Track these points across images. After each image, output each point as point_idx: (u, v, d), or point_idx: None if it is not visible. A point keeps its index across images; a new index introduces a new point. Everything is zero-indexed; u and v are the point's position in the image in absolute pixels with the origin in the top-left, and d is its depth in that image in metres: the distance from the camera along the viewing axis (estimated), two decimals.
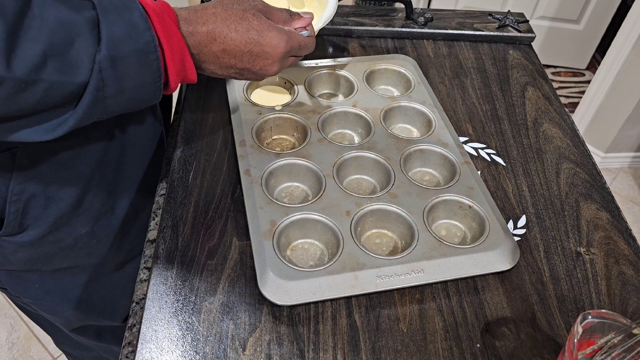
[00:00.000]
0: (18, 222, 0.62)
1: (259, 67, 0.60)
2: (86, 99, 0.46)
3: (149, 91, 0.51)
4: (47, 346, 1.50)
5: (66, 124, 0.48)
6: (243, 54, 0.58)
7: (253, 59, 0.59)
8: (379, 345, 0.53)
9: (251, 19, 0.58)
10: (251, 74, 0.62)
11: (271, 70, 0.61)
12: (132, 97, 0.50)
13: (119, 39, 0.46)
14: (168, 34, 0.51)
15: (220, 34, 0.56)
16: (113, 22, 0.46)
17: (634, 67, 1.83)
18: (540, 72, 0.91)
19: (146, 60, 0.49)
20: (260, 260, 0.56)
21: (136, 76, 0.49)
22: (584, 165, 0.75)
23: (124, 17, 0.47)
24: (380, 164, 0.69)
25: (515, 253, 0.61)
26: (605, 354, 0.44)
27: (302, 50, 0.64)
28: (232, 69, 0.60)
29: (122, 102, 0.50)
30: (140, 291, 0.57)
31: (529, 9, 2.32)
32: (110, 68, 0.46)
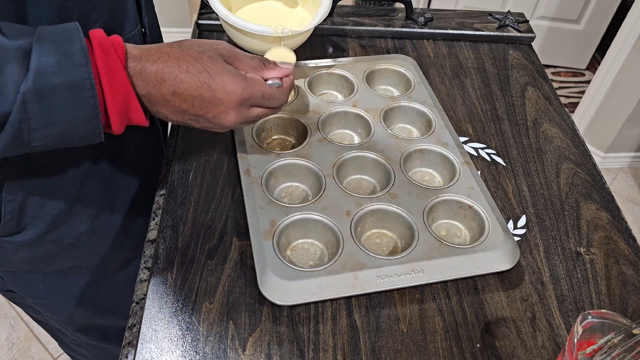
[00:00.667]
0: (16, 222, 0.62)
1: (212, 114, 0.54)
2: (7, 130, 0.44)
3: (85, 129, 0.48)
4: (47, 346, 1.50)
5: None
6: (194, 99, 0.52)
7: (205, 105, 0.53)
8: (379, 345, 0.53)
9: (206, 61, 0.53)
10: (207, 123, 0.55)
11: (227, 120, 0.55)
12: (65, 133, 0.47)
13: (48, 70, 0.44)
14: (110, 72, 0.47)
15: (170, 75, 0.51)
16: (45, 52, 0.44)
17: (634, 67, 1.83)
18: (540, 72, 0.91)
19: (80, 96, 0.45)
20: (260, 260, 0.56)
21: (68, 111, 0.46)
22: (584, 165, 0.75)
23: (60, 48, 0.44)
24: (380, 164, 0.69)
25: (515, 253, 0.61)
26: (605, 354, 0.44)
27: (268, 101, 0.57)
28: (186, 114, 0.54)
29: (53, 136, 0.47)
30: (140, 291, 0.57)
31: (529, 9, 2.32)
32: (36, 100, 0.44)
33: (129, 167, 0.71)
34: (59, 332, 0.90)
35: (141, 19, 0.68)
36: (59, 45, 0.44)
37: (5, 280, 0.72)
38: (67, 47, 0.45)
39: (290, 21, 0.87)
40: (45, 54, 0.44)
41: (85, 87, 0.45)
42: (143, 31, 0.69)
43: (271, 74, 0.59)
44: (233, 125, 0.56)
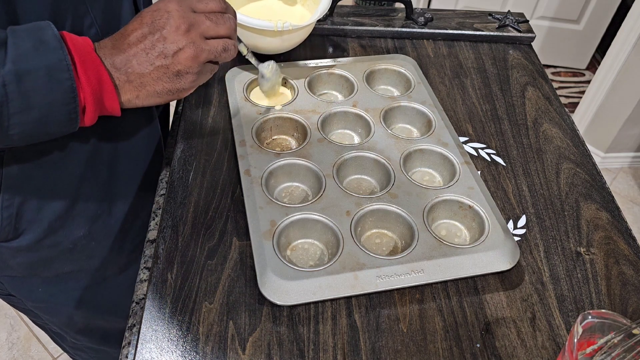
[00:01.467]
0: (13, 227, 0.62)
1: (162, 24, 0.53)
2: None
3: (61, 112, 0.49)
4: (47, 346, 1.50)
5: None
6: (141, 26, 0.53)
7: (150, 21, 0.53)
8: (379, 345, 0.53)
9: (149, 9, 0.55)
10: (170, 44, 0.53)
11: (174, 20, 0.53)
12: (42, 117, 0.48)
13: (26, 54, 0.45)
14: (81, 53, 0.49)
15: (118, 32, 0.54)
16: (21, 38, 0.45)
17: (634, 67, 1.83)
18: (540, 72, 0.91)
19: (57, 77, 0.47)
20: (260, 260, 0.56)
21: (45, 93, 0.47)
22: (584, 165, 0.75)
23: (33, 35, 0.46)
24: (380, 164, 0.69)
25: (515, 253, 0.61)
26: (605, 354, 0.44)
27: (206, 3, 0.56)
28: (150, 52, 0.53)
29: (31, 121, 0.47)
30: (140, 291, 0.57)
31: (529, 9, 2.31)
32: (15, 82, 0.45)
33: (127, 170, 0.71)
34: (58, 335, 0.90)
35: None
36: (32, 34, 0.47)
37: (5, 285, 0.72)
38: (40, 34, 0.47)
39: (290, 19, 0.87)
40: (22, 40, 0.46)
41: (62, 69, 0.47)
42: None
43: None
44: (185, 24, 0.54)
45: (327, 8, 0.78)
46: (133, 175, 0.72)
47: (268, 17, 0.87)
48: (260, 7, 0.89)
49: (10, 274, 0.70)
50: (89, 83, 0.50)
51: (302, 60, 0.84)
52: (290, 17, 0.88)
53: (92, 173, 0.65)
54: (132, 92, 0.54)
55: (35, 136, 0.50)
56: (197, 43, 0.55)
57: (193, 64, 0.55)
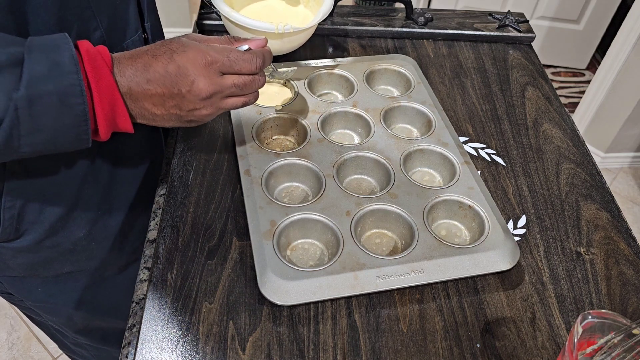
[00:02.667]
0: (14, 228, 0.62)
1: (185, 88, 0.53)
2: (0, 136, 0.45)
3: (70, 134, 0.49)
4: (47, 346, 1.50)
5: None
6: (164, 78, 0.52)
7: (176, 81, 0.52)
8: (379, 345, 0.53)
9: (169, 43, 0.54)
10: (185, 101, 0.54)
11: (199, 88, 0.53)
12: (51, 139, 0.48)
13: (39, 78, 0.45)
14: (98, 76, 0.49)
15: (140, 64, 0.52)
16: (36, 60, 0.45)
17: (634, 67, 1.83)
18: (540, 72, 0.91)
19: (68, 102, 0.47)
20: (260, 260, 0.56)
21: (55, 117, 0.47)
22: (584, 165, 0.75)
23: (49, 56, 0.46)
24: (380, 164, 0.69)
25: (515, 253, 0.61)
26: (605, 354, 0.44)
27: (238, 64, 0.55)
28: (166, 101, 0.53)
29: (40, 142, 0.48)
30: (140, 291, 0.57)
31: (529, 9, 2.31)
32: (27, 107, 0.45)
33: (127, 171, 0.71)
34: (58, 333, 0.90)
35: (143, 24, 0.68)
36: (48, 54, 0.46)
37: (4, 284, 0.72)
38: (56, 55, 0.46)
39: (293, 20, 0.87)
40: (37, 62, 0.45)
41: (75, 94, 0.47)
42: (145, 36, 0.69)
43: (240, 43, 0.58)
44: (209, 93, 0.54)
45: (329, 10, 0.78)
46: (134, 177, 0.72)
47: (270, 17, 0.87)
48: (263, 7, 0.89)
49: (10, 274, 0.70)
50: (103, 108, 0.50)
51: (302, 60, 0.84)
52: (293, 18, 0.88)
53: (93, 175, 0.65)
54: (144, 120, 0.56)
55: (46, 152, 0.50)
56: (216, 105, 0.56)
57: (207, 118, 0.57)
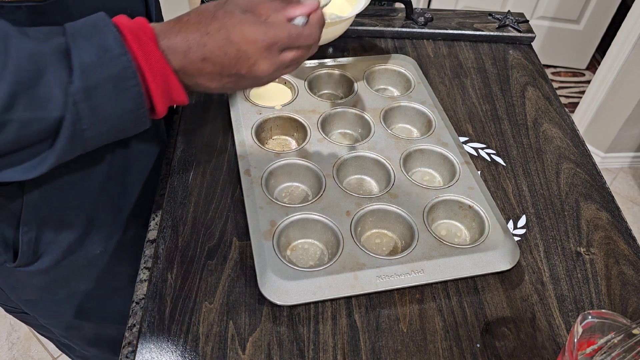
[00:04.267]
0: (32, 252, 0.62)
1: (245, 69, 0.51)
2: (63, 134, 0.43)
3: (131, 119, 0.47)
4: (47, 346, 1.50)
5: (46, 162, 0.45)
6: (221, 58, 0.50)
7: (234, 62, 0.50)
8: (379, 345, 0.53)
9: (222, 17, 0.50)
10: (245, 80, 0.53)
11: (260, 70, 0.52)
12: (114, 127, 0.47)
13: (91, 67, 0.42)
14: (146, 55, 0.46)
15: (194, 41, 0.49)
16: (83, 49, 0.43)
17: (634, 67, 1.83)
18: (540, 72, 0.91)
19: (124, 86, 0.45)
20: (260, 260, 0.56)
21: (115, 104, 0.45)
22: (584, 165, 0.75)
23: (94, 42, 0.43)
24: (380, 164, 0.69)
25: (515, 253, 0.61)
26: (605, 354, 0.44)
27: (298, 40, 0.53)
28: (223, 78, 0.52)
29: (104, 132, 0.46)
30: (140, 291, 0.57)
31: (529, 9, 2.31)
32: (85, 100, 0.43)
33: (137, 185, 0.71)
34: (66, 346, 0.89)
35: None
36: (92, 39, 0.43)
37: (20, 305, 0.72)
38: (99, 40, 0.43)
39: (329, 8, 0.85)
40: (84, 51, 0.43)
41: (129, 77, 0.45)
42: None
43: (295, 12, 0.54)
44: (270, 74, 0.53)
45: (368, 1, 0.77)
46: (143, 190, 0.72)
47: None
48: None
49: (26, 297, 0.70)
50: (157, 85, 0.48)
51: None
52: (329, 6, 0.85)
53: (106, 190, 0.65)
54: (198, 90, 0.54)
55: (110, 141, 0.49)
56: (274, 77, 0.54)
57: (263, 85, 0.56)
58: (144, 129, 0.50)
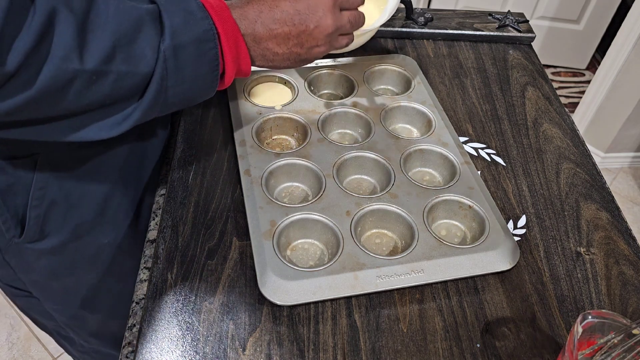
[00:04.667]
0: (39, 228, 0.62)
1: (313, 24, 0.56)
2: (152, 89, 0.47)
3: (206, 81, 0.52)
4: (47, 346, 1.50)
5: (131, 118, 0.48)
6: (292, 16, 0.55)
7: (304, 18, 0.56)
8: (379, 345, 0.53)
9: None
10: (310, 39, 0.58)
11: (327, 24, 0.57)
12: (190, 88, 0.51)
13: (179, 28, 0.47)
14: (223, 21, 0.51)
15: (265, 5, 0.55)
16: (172, 12, 0.47)
17: (634, 67, 1.83)
18: (540, 72, 0.91)
19: (203, 48, 0.49)
20: (260, 260, 0.56)
21: (194, 65, 0.49)
22: (584, 165, 0.75)
23: (180, 7, 0.48)
24: (380, 164, 0.69)
25: (515, 253, 0.61)
26: (605, 354, 0.44)
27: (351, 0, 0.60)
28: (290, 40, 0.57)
29: (182, 93, 0.50)
30: (140, 291, 0.57)
31: (529, 9, 2.31)
32: (173, 57, 0.47)
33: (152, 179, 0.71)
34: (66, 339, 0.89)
35: None
36: (179, 4, 0.48)
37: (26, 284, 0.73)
38: (186, 5, 0.48)
39: None
40: (173, 14, 0.47)
41: (209, 39, 0.49)
42: None
43: None
44: (334, 28, 0.58)
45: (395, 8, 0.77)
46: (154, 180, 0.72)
47: None
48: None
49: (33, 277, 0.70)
50: (230, 50, 0.52)
51: None
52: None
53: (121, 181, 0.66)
54: (262, 62, 0.58)
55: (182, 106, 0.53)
56: (332, 42, 0.61)
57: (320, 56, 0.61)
58: (209, 97, 0.54)
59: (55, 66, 0.40)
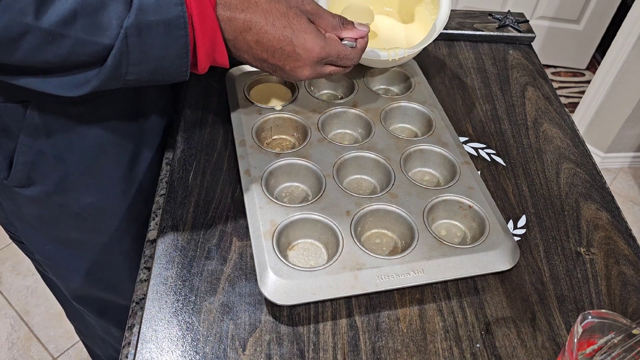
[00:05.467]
0: (26, 175, 0.64)
1: (290, 67, 0.59)
2: (110, 61, 0.48)
3: (173, 65, 0.52)
4: (47, 346, 1.50)
5: (90, 84, 0.49)
6: (275, 50, 0.57)
7: (285, 58, 0.58)
8: (379, 345, 0.53)
9: (292, 17, 0.57)
10: (283, 73, 0.61)
11: (302, 74, 0.60)
12: (156, 68, 0.51)
13: (148, 8, 0.47)
14: (202, 14, 0.51)
15: (257, 25, 0.55)
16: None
17: (634, 67, 1.83)
18: (540, 72, 0.91)
19: (173, 34, 0.49)
20: (260, 260, 0.56)
21: (161, 47, 0.50)
22: (584, 165, 0.75)
23: None
24: (380, 164, 0.69)
25: (515, 253, 0.61)
26: (605, 354, 0.44)
27: (342, 60, 0.62)
28: (265, 63, 0.59)
29: (146, 71, 0.51)
30: (140, 291, 0.57)
31: (529, 9, 2.32)
32: (136, 35, 0.47)
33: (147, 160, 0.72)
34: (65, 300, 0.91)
35: None
36: None
37: (18, 230, 0.75)
38: None
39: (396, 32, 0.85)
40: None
41: (179, 26, 0.49)
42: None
43: (348, 34, 0.62)
44: (306, 78, 0.61)
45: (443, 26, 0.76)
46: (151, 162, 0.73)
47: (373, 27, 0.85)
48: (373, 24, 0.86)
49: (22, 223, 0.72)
50: (204, 44, 0.53)
51: None
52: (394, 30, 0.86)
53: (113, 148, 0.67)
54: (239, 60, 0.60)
55: (147, 83, 0.53)
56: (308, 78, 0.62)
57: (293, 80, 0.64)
58: (182, 80, 0.54)
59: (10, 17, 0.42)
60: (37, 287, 1.63)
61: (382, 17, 0.88)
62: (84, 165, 0.66)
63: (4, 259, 1.70)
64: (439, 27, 0.77)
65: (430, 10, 0.83)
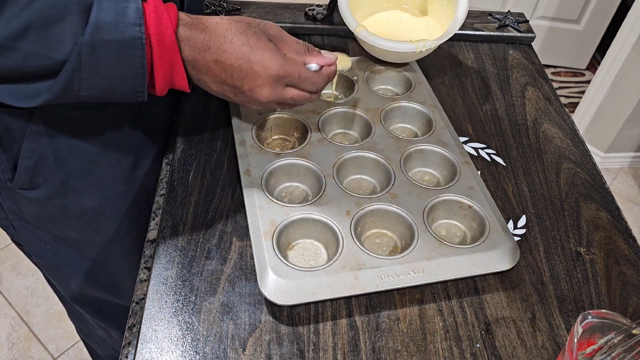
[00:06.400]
0: (29, 179, 0.64)
1: (248, 87, 0.57)
2: (62, 76, 0.47)
3: (128, 85, 0.51)
4: (47, 346, 1.50)
5: (42, 96, 0.49)
6: (233, 69, 0.55)
7: (242, 77, 0.56)
8: (379, 345, 0.53)
9: (251, 36, 0.56)
10: (243, 96, 0.59)
11: (261, 94, 0.58)
12: (110, 87, 0.50)
13: (105, 26, 0.47)
14: (161, 35, 0.50)
15: (215, 44, 0.54)
16: (104, 9, 0.47)
17: (634, 67, 1.83)
18: (540, 72, 0.91)
19: (129, 54, 0.48)
20: (260, 260, 0.56)
21: (116, 67, 0.49)
22: (584, 165, 0.75)
23: (117, 7, 0.47)
24: (380, 164, 0.69)
25: (515, 253, 0.61)
26: (605, 354, 0.44)
27: (304, 83, 0.60)
28: (225, 85, 0.57)
29: (99, 88, 0.50)
30: (140, 291, 0.57)
31: (529, 9, 2.32)
32: (90, 52, 0.47)
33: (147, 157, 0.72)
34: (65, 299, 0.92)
35: None
36: (117, 4, 0.47)
37: (17, 231, 0.75)
38: (122, 7, 0.48)
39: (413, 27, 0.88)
40: (104, 11, 0.47)
41: (136, 47, 0.48)
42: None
43: (312, 60, 0.61)
44: (267, 101, 0.59)
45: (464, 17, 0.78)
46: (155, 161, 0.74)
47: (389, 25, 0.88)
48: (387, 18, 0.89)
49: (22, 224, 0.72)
50: (162, 65, 0.52)
51: None
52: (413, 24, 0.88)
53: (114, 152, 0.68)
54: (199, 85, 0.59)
55: (103, 100, 0.53)
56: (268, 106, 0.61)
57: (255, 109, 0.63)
58: (140, 101, 0.53)
59: None
60: (37, 287, 1.63)
61: (399, 13, 0.90)
62: (85, 168, 0.67)
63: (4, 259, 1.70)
64: (461, 19, 0.78)
65: (443, 6, 0.85)
